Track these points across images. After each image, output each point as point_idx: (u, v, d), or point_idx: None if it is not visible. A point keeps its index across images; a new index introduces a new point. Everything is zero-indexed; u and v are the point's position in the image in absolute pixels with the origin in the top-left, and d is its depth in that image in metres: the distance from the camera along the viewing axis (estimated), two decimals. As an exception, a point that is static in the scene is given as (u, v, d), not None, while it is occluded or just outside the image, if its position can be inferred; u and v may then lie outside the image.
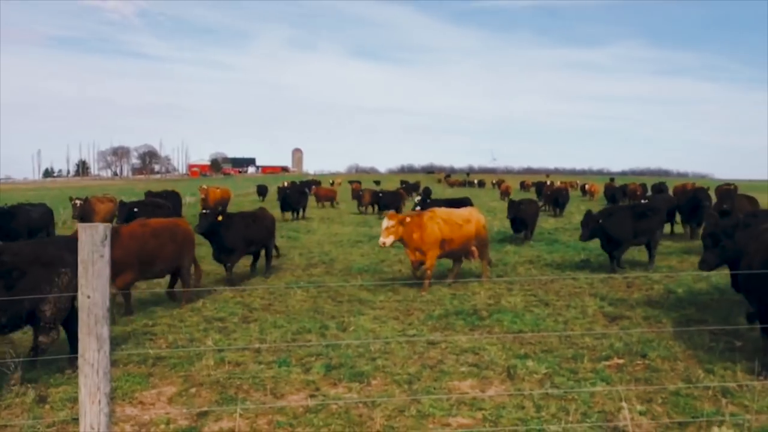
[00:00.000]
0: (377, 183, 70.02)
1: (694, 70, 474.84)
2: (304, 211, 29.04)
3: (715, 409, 5.58)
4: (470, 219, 12.08)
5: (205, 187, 28.01)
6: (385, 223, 11.17)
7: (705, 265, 8.32)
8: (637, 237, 13.44)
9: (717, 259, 8.21)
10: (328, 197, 37.80)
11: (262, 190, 43.46)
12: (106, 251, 3.37)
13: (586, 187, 47.18)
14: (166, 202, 20.88)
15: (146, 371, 6.85)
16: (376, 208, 30.72)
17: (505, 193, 43.97)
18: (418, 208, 20.29)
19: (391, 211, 12.11)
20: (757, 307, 6.87)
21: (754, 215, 10.21)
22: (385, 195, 31.21)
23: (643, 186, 38.07)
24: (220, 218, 11.68)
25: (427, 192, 40.82)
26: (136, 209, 17.70)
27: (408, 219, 11.28)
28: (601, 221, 12.97)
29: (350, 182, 57.34)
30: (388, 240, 11.08)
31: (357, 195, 33.46)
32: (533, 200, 20.68)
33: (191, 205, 26.07)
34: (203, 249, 13.09)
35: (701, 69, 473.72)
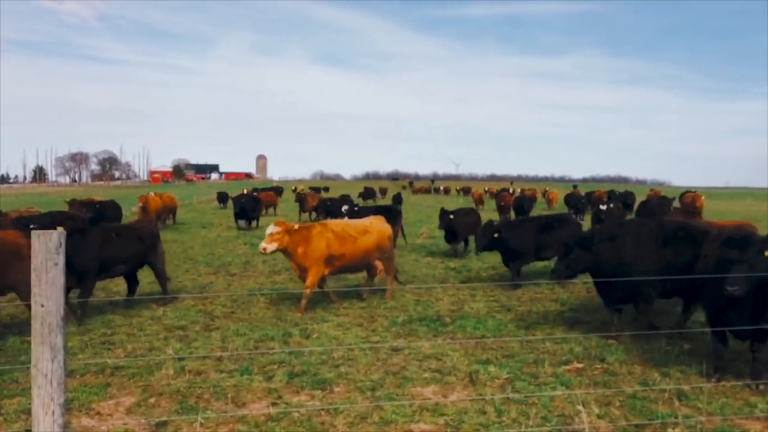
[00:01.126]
0: (326, 190, 68.13)
1: (652, 79, 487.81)
2: (257, 220, 27.68)
3: (670, 412, 5.72)
4: (369, 230, 11.04)
5: (147, 195, 25.59)
6: (271, 228, 10.21)
7: (555, 274, 8.41)
8: (541, 252, 12.54)
9: (568, 270, 8.27)
10: (270, 203, 35.15)
11: (222, 198, 42.22)
12: (61, 259, 3.31)
13: (546, 194, 47.35)
14: (79, 214, 18.22)
15: (104, 381, 6.71)
16: (323, 215, 29.27)
17: (478, 201, 43.40)
18: (346, 218, 19.39)
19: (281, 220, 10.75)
20: (707, 311, 7.04)
21: (622, 225, 9.73)
22: (333, 202, 29.60)
23: (611, 193, 38.50)
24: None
25: (397, 199, 40.06)
26: (32, 226, 13.34)
27: (296, 229, 10.32)
28: (498, 234, 12.22)
29: (311, 188, 56.46)
30: (270, 246, 10.04)
31: (300, 199, 32.18)
32: (472, 209, 19.54)
33: (135, 214, 25.08)
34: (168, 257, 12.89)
35: (659, 78, 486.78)
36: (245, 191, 35.10)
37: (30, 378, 3.38)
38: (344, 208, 21.20)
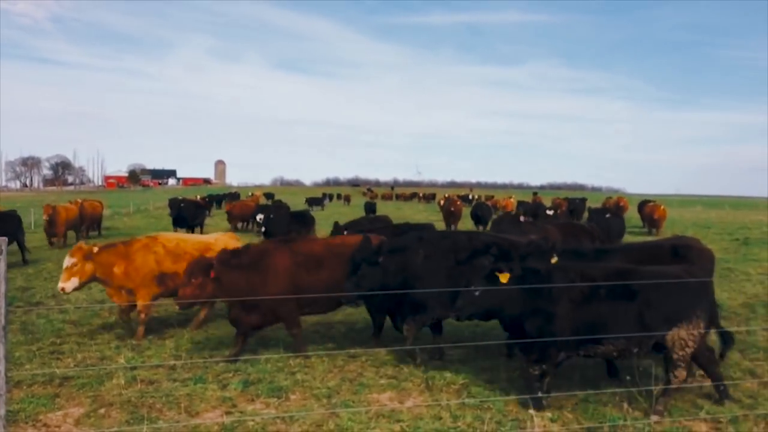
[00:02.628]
0: (271, 196, 63.11)
1: (606, 90, 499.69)
2: (201, 227, 25.91)
3: (620, 415, 5.84)
4: (212, 247, 9.35)
5: (56, 205, 21.73)
6: (66, 261, 8.55)
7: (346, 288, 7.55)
8: None
9: (354, 287, 7.43)
10: (244, 216, 30.19)
11: (173, 204, 38.47)
12: (2, 266, 3.21)
13: (499, 203, 46.20)
14: None
15: (52, 392, 6.53)
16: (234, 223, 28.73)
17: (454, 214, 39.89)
18: (263, 228, 18.29)
19: (80, 243, 9.00)
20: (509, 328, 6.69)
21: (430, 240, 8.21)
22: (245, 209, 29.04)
23: (568, 200, 38.52)
24: None
25: (370, 207, 37.17)
26: None
27: (97, 251, 8.68)
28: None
29: (264, 195, 55.20)
30: (69, 285, 8.41)
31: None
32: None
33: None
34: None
35: (613, 89, 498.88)
36: (197, 197, 33.95)
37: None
38: (259, 217, 19.42)
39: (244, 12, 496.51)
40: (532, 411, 5.78)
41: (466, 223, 28.43)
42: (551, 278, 6.09)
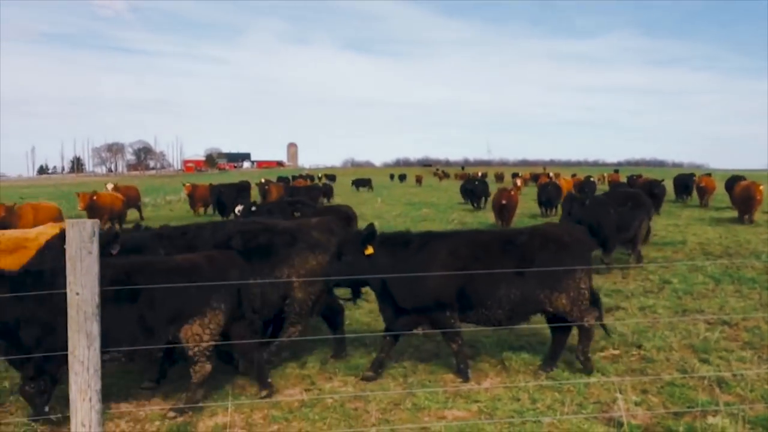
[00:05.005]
0: (294, 179, 54.17)
1: (687, 60, 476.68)
2: None
3: (710, 399, 5.59)
4: (28, 245, 7.86)
5: (92, 192, 20.21)
6: None
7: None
8: None
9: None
10: (205, 200, 27.56)
11: (214, 191, 29.96)
12: (95, 247, 3.34)
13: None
14: None
15: (142, 367, 6.81)
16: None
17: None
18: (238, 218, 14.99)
19: None
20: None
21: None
22: (227, 190, 25.87)
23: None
24: None
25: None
26: None
27: None
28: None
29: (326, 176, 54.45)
30: None
31: (263, 191, 28.65)
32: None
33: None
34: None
35: (694, 59, 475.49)
36: (263, 180, 34.27)
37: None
38: (238, 208, 15.68)
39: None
40: (617, 394, 5.60)
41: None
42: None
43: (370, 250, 6.25)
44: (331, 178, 74.19)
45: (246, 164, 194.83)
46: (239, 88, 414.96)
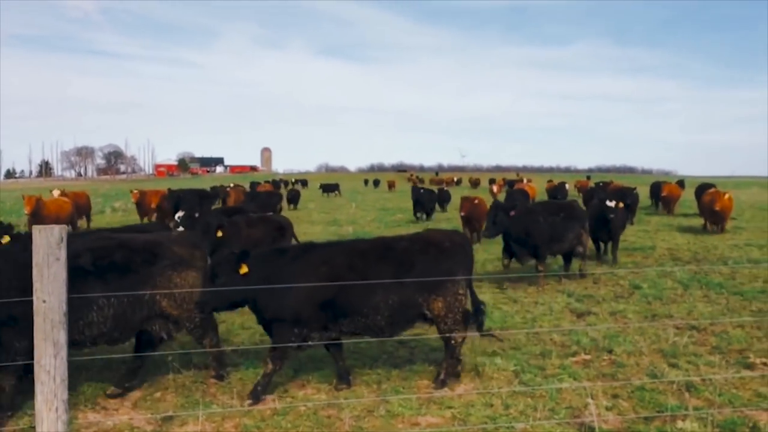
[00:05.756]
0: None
1: (655, 68, 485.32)
2: None
3: (679, 403, 5.66)
4: None
5: (37, 197, 18.80)
6: None
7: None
8: None
9: None
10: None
11: (172, 196, 26.49)
12: (62, 254, 3.27)
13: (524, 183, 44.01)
14: None
15: (110, 376, 6.69)
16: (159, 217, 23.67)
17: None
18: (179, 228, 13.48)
19: None
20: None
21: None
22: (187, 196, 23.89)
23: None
24: None
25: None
26: None
27: None
28: None
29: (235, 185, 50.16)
30: None
31: (138, 202, 24.68)
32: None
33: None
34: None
35: (663, 67, 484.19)
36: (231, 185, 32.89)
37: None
38: (179, 215, 14.03)
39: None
40: (589, 399, 5.64)
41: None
42: None
43: (244, 269, 6.04)
44: (304, 183, 74.05)
45: (219, 169, 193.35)
46: (213, 92, 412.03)
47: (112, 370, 6.84)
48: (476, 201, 18.25)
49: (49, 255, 3.28)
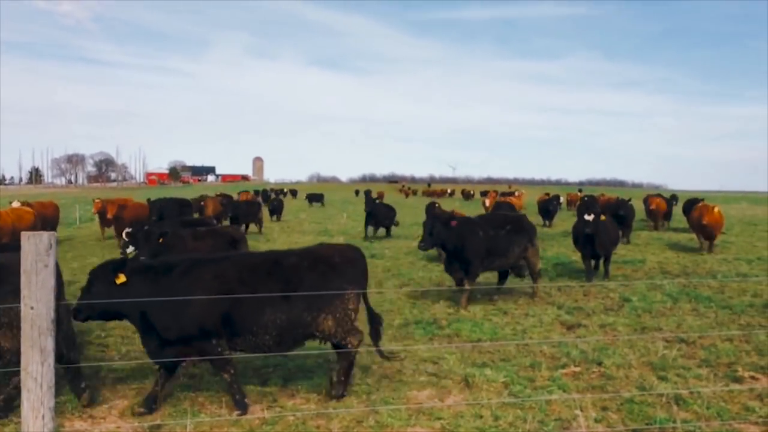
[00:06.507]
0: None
1: (646, 82, 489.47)
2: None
3: (667, 416, 5.67)
4: None
5: None
6: None
7: None
8: None
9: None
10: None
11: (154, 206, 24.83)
12: (51, 261, 3.25)
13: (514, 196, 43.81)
14: None
15: (97, 384, 6.64)
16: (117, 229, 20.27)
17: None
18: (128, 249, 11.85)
19: None
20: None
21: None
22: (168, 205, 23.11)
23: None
24: None
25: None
26: None
27: None
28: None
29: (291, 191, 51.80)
30: None
31: (100, 212, 22.21)
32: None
33: None
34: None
35: (653, 81, 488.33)
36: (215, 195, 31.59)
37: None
38: (126, 231, 12.00)
39: (279, 9, 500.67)
40: (577, 411, 5.65)
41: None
42: None
43: (121, 279, 5.76)
44: (294, 193, 74.09)
45: (210, 178, 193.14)
46: (204, 101, 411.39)
47: (100, 379, 6.80)
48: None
49: (38, 261, 3.27)
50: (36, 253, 3.24)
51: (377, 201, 23.36)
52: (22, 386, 3.34)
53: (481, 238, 10.80)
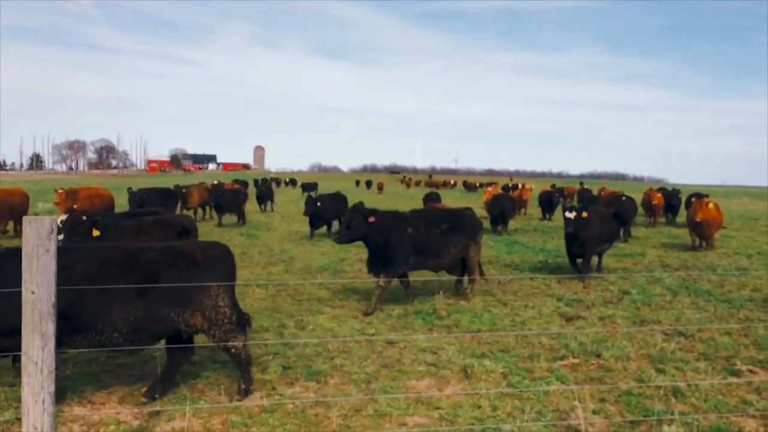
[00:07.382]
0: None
1: (649, 76, 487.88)
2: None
3: (665, 408, 5.69)
4: None
5: None
6: None
7: None
8: None
9: None
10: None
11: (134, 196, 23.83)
12: (52, 245, 3.25)
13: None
14: None
15: (97, 369, 6.67)
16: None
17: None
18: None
19: None
20: None
21: None
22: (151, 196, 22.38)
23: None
24: None
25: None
26: None
27: None
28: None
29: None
30: None
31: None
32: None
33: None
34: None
35: (656, 76, 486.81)
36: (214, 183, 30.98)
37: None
38: (61, 218, 9.91)
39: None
40: (576, 402, 5.67)
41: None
42: None
43: None
44: (293, 182, 74.22)
45: (212, 166, 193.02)
46: (207, 89, 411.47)
47: (100, 364, 6.82)
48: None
49: (39, 246, 3.27)
50: (38, 237, 3.24)
51: (318, 204, 21.63)
52: (22, 370, 3.35)
53: (409, 235, 9.95)
